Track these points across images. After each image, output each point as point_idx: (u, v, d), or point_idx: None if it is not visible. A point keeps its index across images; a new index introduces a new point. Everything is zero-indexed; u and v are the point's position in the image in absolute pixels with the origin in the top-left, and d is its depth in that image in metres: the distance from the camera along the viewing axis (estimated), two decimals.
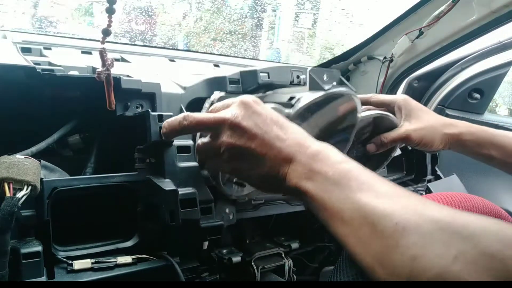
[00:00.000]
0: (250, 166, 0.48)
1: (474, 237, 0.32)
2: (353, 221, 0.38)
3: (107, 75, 0.53)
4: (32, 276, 0.48)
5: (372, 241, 0.36)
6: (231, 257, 0.71)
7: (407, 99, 0.81)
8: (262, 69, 0.73)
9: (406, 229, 0.34)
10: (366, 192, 0.39)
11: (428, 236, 0.33)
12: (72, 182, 0.55)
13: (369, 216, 0.37)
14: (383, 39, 1.20)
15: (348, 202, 0.40)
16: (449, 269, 0.31)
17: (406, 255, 0.33)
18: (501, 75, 1.20)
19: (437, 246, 0.32)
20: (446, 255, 0.31)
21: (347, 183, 0.41)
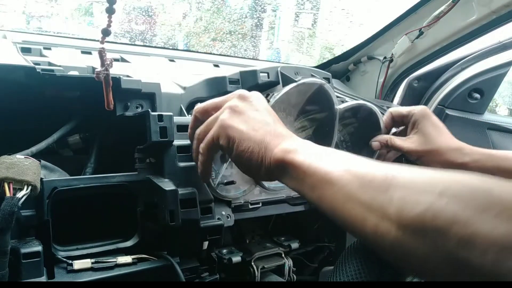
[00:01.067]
0: (246, 129, 0.51)
1: (457, 177, 0.34)
2: (341, 178, 0.41)
3: (106, 75, 0.53)
4: (32, 276, 0.48)
5: (361, 192, 0.38)
6: (231, 257, 0.71)
7: (425, 113, 0.79)
8: (262, 69, 0.74)
9: (395, 177, 0.37)
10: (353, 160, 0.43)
11: (414, 179, 0.36)
12: (72, 182, 0.55)
13: (358, 172, 0.40)
14: (383, 39, 1.21)
15: (336, 164, 0.43)
16: (436, 203, 0.32)
17: (395, 197, 0.35)
18: (501, 75, 1.20)
19: (423, 185, 0.34)
20: (431, 191, 0.33)
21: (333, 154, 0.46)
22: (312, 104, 0.79)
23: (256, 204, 0.72)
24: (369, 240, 0.38)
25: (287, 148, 0.48)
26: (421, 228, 0.32)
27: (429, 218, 0.32)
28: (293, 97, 0.76)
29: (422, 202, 0.33)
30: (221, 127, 0.53)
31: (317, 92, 0.76)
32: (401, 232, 0.34)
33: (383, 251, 0.37)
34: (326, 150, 0.47)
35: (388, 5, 1.98)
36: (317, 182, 0.43)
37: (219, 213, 0.66)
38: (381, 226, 0.36)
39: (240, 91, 0.57)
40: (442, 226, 0.31)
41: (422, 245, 0.33)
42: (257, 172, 0.51)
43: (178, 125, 0.63)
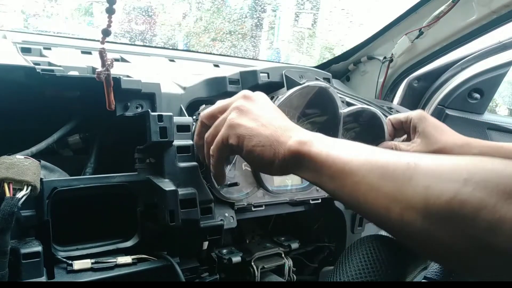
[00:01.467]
0: (255, 126, 0.51)
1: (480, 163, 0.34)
2: (362, 169, 0.40)
3: (107, 75, 0.53)
4: (32, 276, 0.48)
5: (383, 182, 0.38)
6: (231, 257, 0.71)
7: (422, 116, 0.79)
8: (262, 69, 0.74)
9: (418, 165, 0.36)
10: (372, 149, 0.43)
11: (439, 167, 0.35)
12: (72, 182, 0.55)
13: (378, 161, 0.40)
14: (383, 39, 1.21)
15: (355, 154, 0.42)
16: (462, 191, 0.32)
17: (419, 186, 0.35)
18: (501, 75, 1.20)
19: (448, 173, 0.34)
20: (456, 179, 0.33)
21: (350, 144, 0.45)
22: (316, 107, 0.78)
23: (259, 207, 0.72)
24: (394, 229, 0.38)
25: (302, 140, 0.48)
26: (448, 216, 0.33)
27: (456, 206, 0.32)
28: (297, 100, 0.76)
29: (448, 190, 0.33)
30: (229, 127, 0.53)
31: (322, 95, 0.76)
32: (427, 220, 0.34)
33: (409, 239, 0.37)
34: (341, 141, 0.47)
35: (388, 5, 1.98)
36: (336, 172, 0.43)
37: (222, 215, 0.66)
38: (406, 215, 0.36)
39: (244, 92, 0.57)
40: (469, 213, 0.31)
41: (449, 232, 0.33)
42: (270, 167, 0.51)
43: (178, 125, 0.63)
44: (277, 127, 0.51)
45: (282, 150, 0.49)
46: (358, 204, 0.41)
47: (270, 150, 0.50)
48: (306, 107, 0.79)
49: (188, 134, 0.64)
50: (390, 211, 0.37)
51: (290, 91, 0.71)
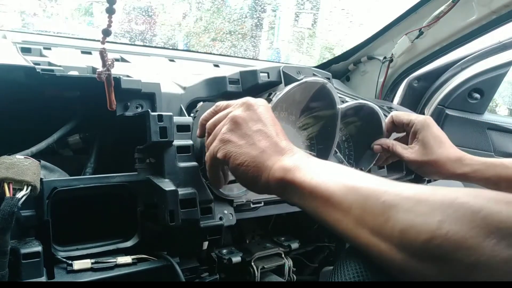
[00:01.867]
0: (244, 143, 0.51)
1: (454, 203, 0.34)
2: (343, 203, 0.41)
3: (108, 75, 0.53)
4: (32, 276, 0.48)
5: (364, 219, 0.39)
6: (231, 257, 0.71)
7: (425, 124, 0.79)
8: (262, 69, 0.74)
9: (392, 206, 0.37)
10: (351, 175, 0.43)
11: (412, 210, 0.35)
12: (72, 182, 0.55)
13: (358, 196, 0.40)
14: (383, 39, 1.21)
15: (338, 183, 0.43)
16: (437, 233, 0.33)
17: (396, 228, 0.36)
18: (501, 75, 1.20)
19: (422, 216, 0.34)
20: (431, 222, 0.33)
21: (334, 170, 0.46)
22: (314, 103, 0.79)
23: (257, 204, 0.72)
24: (378, 262, 0.39)
25: (287, 166, 0.48)
26: (426, 256, 0.33)
27: (432, 248, 0.33)
28: (295, 96, 0.76)
29: (423, 232, 0.33)
30: (220, 141, 0.54)
31: (319, 91, 0.76)
32: (407, 258, 0.35)
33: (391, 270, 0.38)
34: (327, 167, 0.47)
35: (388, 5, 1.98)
36: (320, 203, 0.44)
37: (221, 212, 0.66)
38: (386, 251, 0.36)
39: (246, 99, 0.56)
40: (446, 254, 0.32)
41: (429, 269, 0.33)
42: (253, 186, 0.52)
43: (178, 125, 0.63)
44: (266, 146, 0.51)
45: (266, 173, 0.50)
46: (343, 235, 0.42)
47: (253, 171, 0.51)
48: (304, 104, 0.79)
49: (188, 134, 0.64)
50: (372, 246, 0.38)
51: (287, 87, 0.71)
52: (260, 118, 0.54)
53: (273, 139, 0.52)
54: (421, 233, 0.33)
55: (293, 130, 0.79)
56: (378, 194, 0.39)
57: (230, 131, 0.53)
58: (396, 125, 0.84)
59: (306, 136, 0.81)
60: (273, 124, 0.55)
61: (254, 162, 0.50)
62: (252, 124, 0.53)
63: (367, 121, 0.87)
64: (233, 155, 0.52)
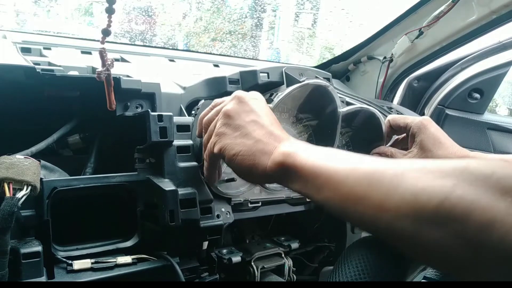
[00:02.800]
0: (238, 134, 0.52)
1: (466, 169, 0.33)
2: (349, 178, 0.40)
3: (107, 75, 0.53)
4: (32, 276, 0.48)
5: (371, 192, 0.38)
6: (231, 257, 0.71)
7: (422, 126, 0.77)
8: (262, 69, 0.74)
9: (405, 173, 0.36)
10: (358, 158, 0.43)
11: (426, 174, 0.35)
12: (72, 182, 0.55)
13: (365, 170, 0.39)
14: (383, 39, 1.21)
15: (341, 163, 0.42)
16: (451, 195, 0.32)
17: (407, 193, 0.35)
18: (501, 75, 1.20)
19: (436, 179, 0.34)
20: (445, 185, 0.33)
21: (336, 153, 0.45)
22: (315, 105, 0.79)
23: (255, 203, 0.72)
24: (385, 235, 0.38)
25: (287, 151, 0.48)
26: (439, 220, 0.33)
27: (446, 210, 0.32)
28: (296, 98, 0.76)
29: (436, 195, 0.33)
30: (216, 135, 0.54)
31: (321, 93, 0.76)
32: (418, 226, 0.34)
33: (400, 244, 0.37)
34: (328, 150, 0.47)
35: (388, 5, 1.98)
36: (323, 183, 0.43)
37: (218, 210, 0.66)
38: (396, 223, 0.36)
39: (237, 93, 0.57)
40: (460, 215, 0.31)
41: (441, 235, 0.33)
42: (250, 175, 0.52)
43: (178, 125, 0.63)
44: (260, 136, 0.51)
45: (265, 160, 0.49)
46: (347, 214, 0.41)
47: (249, 160, 0.50)
48: (305, 105, 0.79)
49: (188, 134, 0.64)
50: (380, 220, 0.37)
51: (289, 89, 0.71)
52: (253, 109, 0.54)
53: (268, 128, 0.52)
54: (434, 197, 0.33)
55: (293, 131, 0.79)
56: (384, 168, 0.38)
57: (223, 125, 0.54)
58: (394, 128, 0.84)
59: (306, 138, 0.81)
60: (267, 114, 0.55)
61: (250, 151, 0.50)
62: (245, 115, 0.53)
63: (367, 125, 0.86)
64: (228, 147, 0.52)
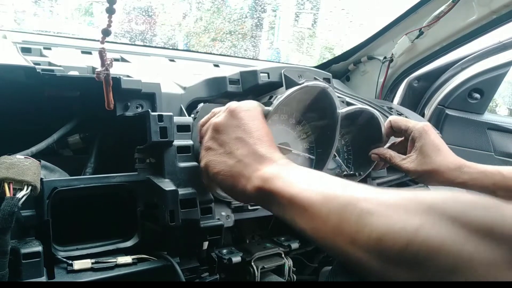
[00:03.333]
0: (222, 152, 0.52)
1: (432, 209, 0.33)
2: (321, 212, 0.41)
3: (106, 75, 0.53)
4: (32, 276, 0.48)
5: (341, 228, 0.38)
6: (231, 257, 0.71)
7: (423, 131, 0.78)
8: (262, 69, 0.74)
9: (369, 214, 0.36)
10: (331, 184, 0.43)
11: (389, 216, 0.35)
12: (72, 182, 0.55)
13: (336, 205, 0.40)
14: (383, 39, 1.21)
15: (317, 192, 0.42)
16: (415, 239, 0.32)
17: (373, 236, 0.35)
18: (501, 75, 1.20)
19: (399, 223, 0.34)
20: (409, 228, 0.33)
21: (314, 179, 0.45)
22: (314, 107, 0.79)
23: (255, 206, 0.72)
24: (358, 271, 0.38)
25: (265, 176, 0.48)
26: (404, 263, 0.33)
27: (410, 254, 0.32)
28: (295, 99, 0.76)
29: (401, 237, 0.33)
30: (204, 149, 0.55)
31: (320, 95, 0.76)
32: (385, 266, 0.34)
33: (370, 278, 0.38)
34: (309, 175, 0.47)
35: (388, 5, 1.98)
36: (300, 212, 0.43)
37: (218, 214, 0.66)
38: (364, 259, 0.36)
39: (230, 104, 0.56)
40: (425, 259, 0.31)
41: (407, 277, 0.33)
42: (232, 194, 0.52)
43: (178, 125, 0.63)
44: (243, 157, 0.51)
45: (243, 183, 0.49)
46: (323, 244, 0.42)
47: (230, 181, 0.51)
48: (304, 107, 0.79)
49: (188, 134, 0.64)
50: (351, 253, 0.38)
51: (288, 91, 0.71)
52: (240, 124, 0.53)
53: (252, 147, 0.51)
54: (398, 240, 0.33)
55: (292, 133, 0.79)
56: (356, 201, 0.38)
57: (211, 139, 0.54)
58: (394, 130, 0.84)
59: (306, 139, 0.81)
60: (257, 129, 0.53)
61: (231, 171, 0.51)
62: (232, 131, 0.53)
63: (366, 126, 0.87)
64: (211, 164, 0.53)
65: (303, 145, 0.81)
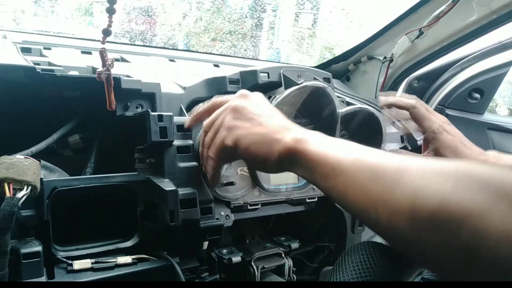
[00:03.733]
0: (251, 125, 0.53)
1: (466, 172, 0.33)
2: (352, 168, 0.41)
3: (108, 75, 0.53)
4: (32, 276, 0.48)
5: (372, 184, 0.38)
6: (231, 257, 0.71)
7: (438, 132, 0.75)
8: (262, 69, 0.74)
9: (407, 169, 0.36)
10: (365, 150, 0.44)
11: (427, 173, 0.35)
12: (72, 182, 0.55)
13: (370, 162, 0.40)
14: (383, 39, 1.20)
15: (347, 153, 0.43)
16: (449, 198, 0.32)
17: (407, 191, 0.35)
18: (501, 75, 1.20)
19: (436, 180, 0.34)
20: (445, 186, 0.33)
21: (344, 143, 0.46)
22: (314, 107, 0.79)
23: (255, 205, 0.72)
24: (383, 231, 0.39)
25: (298, 137, 0.49)
26: (435, 222, 0.33)
27: (443, 213, 0.32)
28: (295, 99, 0.77)
29: (434, 197, 0.33)
30: (226, 129, 0.54)
31: (319, 95, 0.76)
32: (414, 225, 0.34)
33: (396, 242, 0.38)
34: (337, 140, 0.48)
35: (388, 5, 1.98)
36: (328, 171, 0.44)
37: (218, 214, 0.66)
38: (394, 219, 0.36)
39: (241, 91, 0.58)
40: (456, 219, 0.31)
41: (435, 237, 0.33)
42: (265, 164, 0.52)
43: (178, 125, 0.63)
44: (272, 125, 0.52)
45: (277, 147, 0.50)
46: (349, 204, 0.42)
47: (264, 148, 0.51)
48: (304, 107, 0.79)
49: (188, 134, 0.64)
50: (378, 213, 0.37)
51: (287, 91, 0.71)
52: (260, 104, 0.56)
53: (277, 118, 0.54)
54: (432, 197, 0.33)
55: None
56: (388, 163, 0.39)
57: (234, 118, 0.55)
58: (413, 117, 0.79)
59: None
60: (273, 109, 0.57)
61: (264, 139, 0.51)
62: (254, 108, 0.55)
63: (366, 126, 0.87)
64: (242, 138, 0.53)
65: None
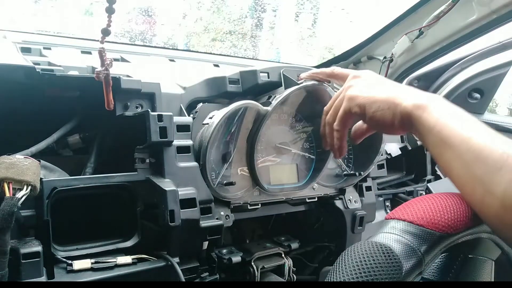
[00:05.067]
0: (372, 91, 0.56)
1: None
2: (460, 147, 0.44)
3: (106, 75, 0.53)
4: (31, 276, 0.48)
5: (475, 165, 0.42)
6: (231, 257, 0.71)
7: None
8: (262, 69, 0.74)
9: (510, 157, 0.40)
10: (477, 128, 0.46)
11: None
12: (71, 182, 0.55)
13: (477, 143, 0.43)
14: (383, 39, 1.21)
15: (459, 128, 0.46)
16: None
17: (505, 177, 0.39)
18: (501, 75, 1.20)
19: None
20: None
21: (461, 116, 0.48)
22: (314, 106, 0.79)
23: (255, 205, 0.72)
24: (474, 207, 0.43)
25: (416, 103, 0.50)
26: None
27: None
28: (295, 99, 0.77)
29: None
30: (349, 99, 0.58)
31: (319, 94, 0.76)
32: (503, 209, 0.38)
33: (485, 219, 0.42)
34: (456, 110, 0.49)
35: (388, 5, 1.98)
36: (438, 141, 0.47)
37: (218, 213, 0.66)
38: (487, 199, 0.40)
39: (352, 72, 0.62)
40: None
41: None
42: (391, 127, 0.54)
43: (178, 125, 0.63)
44: (391, 91, 0.55)
45: (398, 110, 0.52)
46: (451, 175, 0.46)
47: (389, 113, 0.53)
48: (304, 107, 0.79)
49: (188, 134, 0.64)
50: (475, 191, 0.42)
51: (287, 91, 0.71)
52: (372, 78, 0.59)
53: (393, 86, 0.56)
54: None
55: (292, 132, 0.79)
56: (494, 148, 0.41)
57: (354, 89, 0.58)
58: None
59: (306, 138, 0.81)
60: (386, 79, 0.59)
61: (387, 104, 0.54)
62: (370, 78, 0.59)
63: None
64: (367, 105, 0.56)
65: (303, 144, 0.81)
